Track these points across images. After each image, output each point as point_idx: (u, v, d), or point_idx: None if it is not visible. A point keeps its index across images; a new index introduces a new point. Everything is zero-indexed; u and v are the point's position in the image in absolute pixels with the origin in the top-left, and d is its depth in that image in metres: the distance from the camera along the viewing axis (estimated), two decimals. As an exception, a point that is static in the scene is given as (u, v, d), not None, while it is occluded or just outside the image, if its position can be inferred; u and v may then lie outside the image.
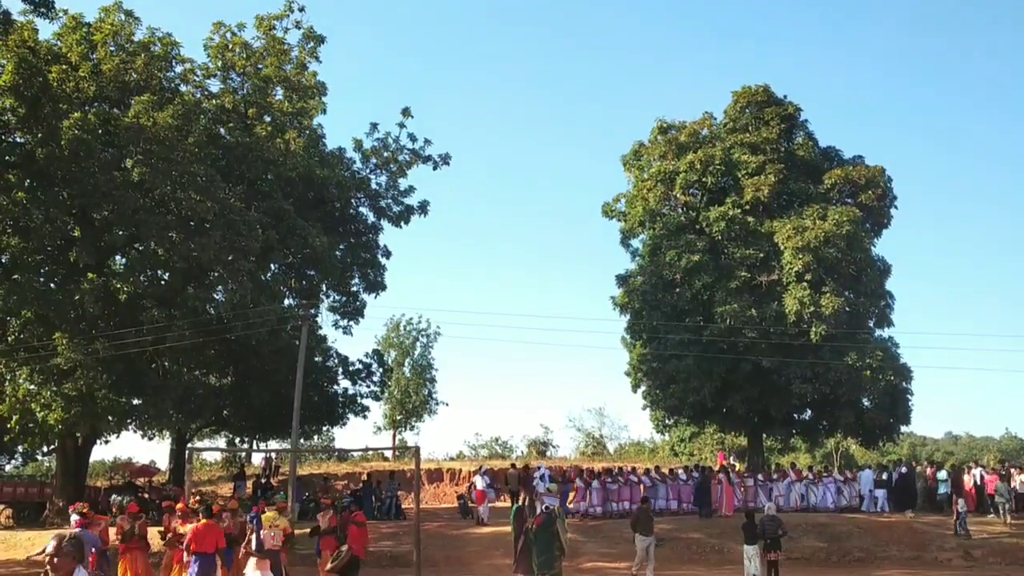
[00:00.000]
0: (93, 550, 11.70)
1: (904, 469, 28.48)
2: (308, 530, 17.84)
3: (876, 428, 30.68)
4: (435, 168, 30.00)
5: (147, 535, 15.15)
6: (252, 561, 12.24)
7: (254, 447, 36.10)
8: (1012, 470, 27.31)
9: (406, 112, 29.07)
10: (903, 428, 33.07)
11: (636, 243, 34.57)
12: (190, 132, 23.42)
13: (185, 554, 13.38)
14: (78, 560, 5.10)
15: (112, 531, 15.29)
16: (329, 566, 15.02)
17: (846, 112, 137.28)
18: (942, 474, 26.65)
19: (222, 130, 25.76)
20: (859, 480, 27.31)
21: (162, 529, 15.46)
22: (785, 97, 33.23)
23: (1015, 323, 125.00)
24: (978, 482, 25.72)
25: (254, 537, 12.48)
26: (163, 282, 25.25)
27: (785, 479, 26.99)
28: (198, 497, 23.32)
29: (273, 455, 33.67)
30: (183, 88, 25.65)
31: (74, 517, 13.76)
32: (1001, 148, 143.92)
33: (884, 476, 27.26)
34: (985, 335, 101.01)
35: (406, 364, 50.46)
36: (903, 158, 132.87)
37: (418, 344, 51.04)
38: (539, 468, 27.28)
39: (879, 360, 28.45)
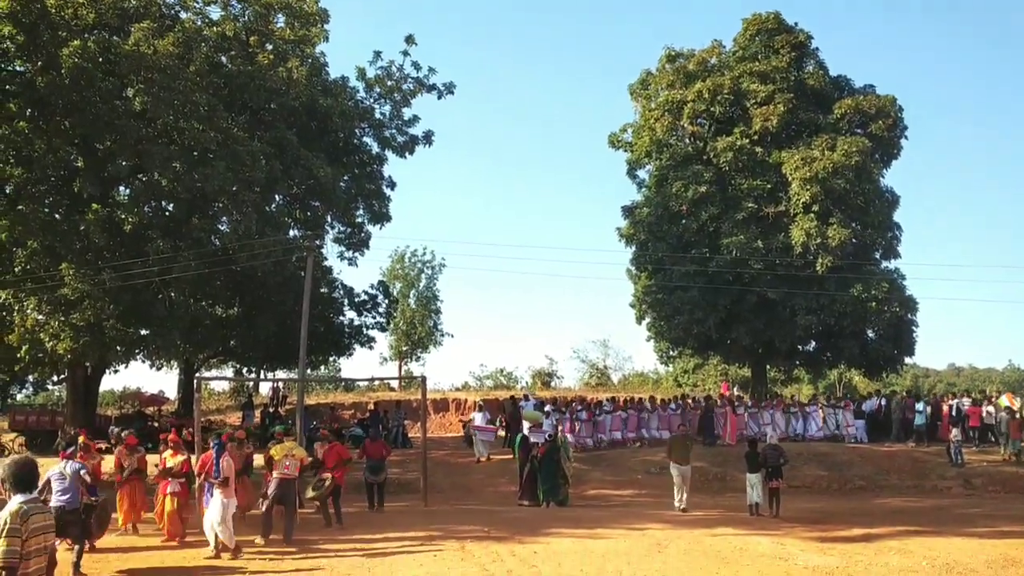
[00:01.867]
0: (88, 478, 11.97)
1: (882, 401, 28.75)
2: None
3: (880, 359, 30.91)
4: (440, 97, 29.63)
5: (145, 467, 15.40)
6: (216, 491, 12.39)
7: (261, 377, 36.46)
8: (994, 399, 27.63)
9: (410, 40, 28.60)
10: (907, 359, 33.33)
11: (643, 174, 34.45)
12: (191, 60, 23.12)
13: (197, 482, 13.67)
14: (13, 488, 5.14)
15: (111, 462, 15.58)
16: (311, 494, 15.29)
17: (858, 40, 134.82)
18: (919, 405, 26.90)
19: (224, 58, 25.40)
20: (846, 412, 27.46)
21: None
22: (796, 25, 32.68)
23: (1019, 255, 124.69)
24: (954, 413, 25.83)
25: (224, 465, 12.60)
26: (168, 213, 25.22)
27: (770, 408, 27.12)
28: (190, 429, 23.68)
29: (280, 384, 34.00)
30: (183, 15, 25.23)
31: (63, 447, 13.98)
32: (1012, 78, 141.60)
33: (862, 407, 27.73)
34: (990, 266, 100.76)
35: (411, 295, 50.77)
36: (914, 88, 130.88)
37: (423, 275, 51.31)
38: (525, 397, 27.61)
39: (884, 292, 28.54)
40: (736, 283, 29.49)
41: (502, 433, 25.41)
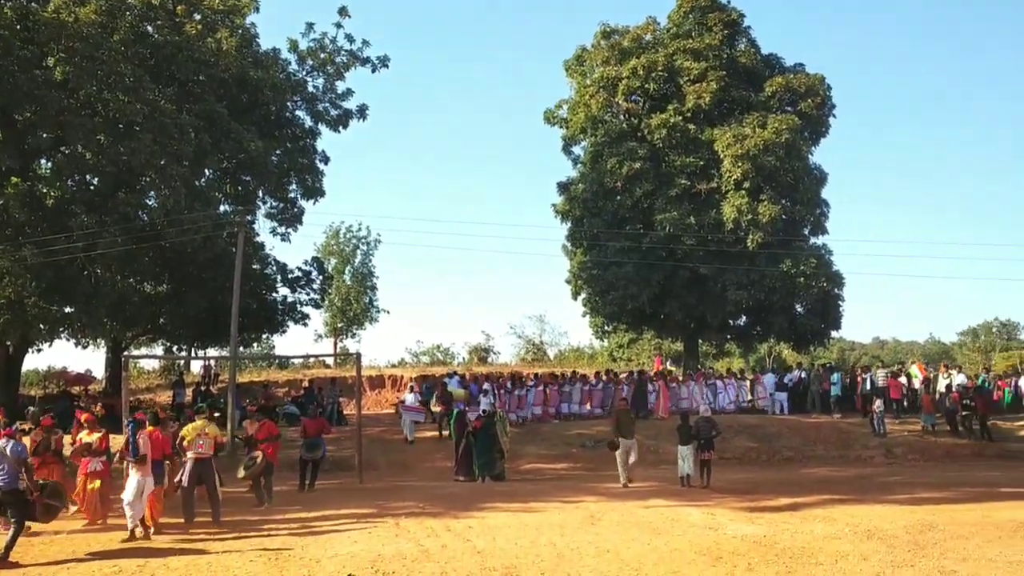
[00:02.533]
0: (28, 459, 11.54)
1: (803, 374, 29.49)
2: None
3: (808, 333, 31.56)
4: (374, 71, 29.30)
5: (62, 449, 14.97)
6: (132, 468, 12.15)
7: (192, 355, 35.80)
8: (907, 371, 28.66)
9: (343, 12, 28.15)
10: (833, 333, 34.16)
11: (578, 150, 34.49)
12: (115, 29, 22.38)
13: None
14: None
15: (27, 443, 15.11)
16: (242, 473, 15.08)
17: (788, 19, 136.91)
18: (834, 377, 27.70)
19: (150, 28, 24.65)
20: (762, 383, 28.10)
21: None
22: (728, 2, 32.92)
23: (940, 231, 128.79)
24: (868, 387, 26.60)
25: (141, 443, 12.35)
26: (92, 187, 24.45)
27: (689, 382, 27.54)
28: (100, 404, 23.18)
29: (212, 363, 33.43)
30: (106, -18, 24.42)
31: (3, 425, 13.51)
32: (940, 58, 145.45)
33: (784, 379, 28.38)
34: (913, 242, 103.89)
35: (347, 272, 50.32)
36: (843, 67, 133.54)
37: (359, 252, 50.88)
38: (451, 375, 27.52)
39: (813, 267, 29.13)
40: (669, 259, 29.81)
41: (437, 408, 25.19)
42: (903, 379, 27.26)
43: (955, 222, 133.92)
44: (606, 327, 35.55)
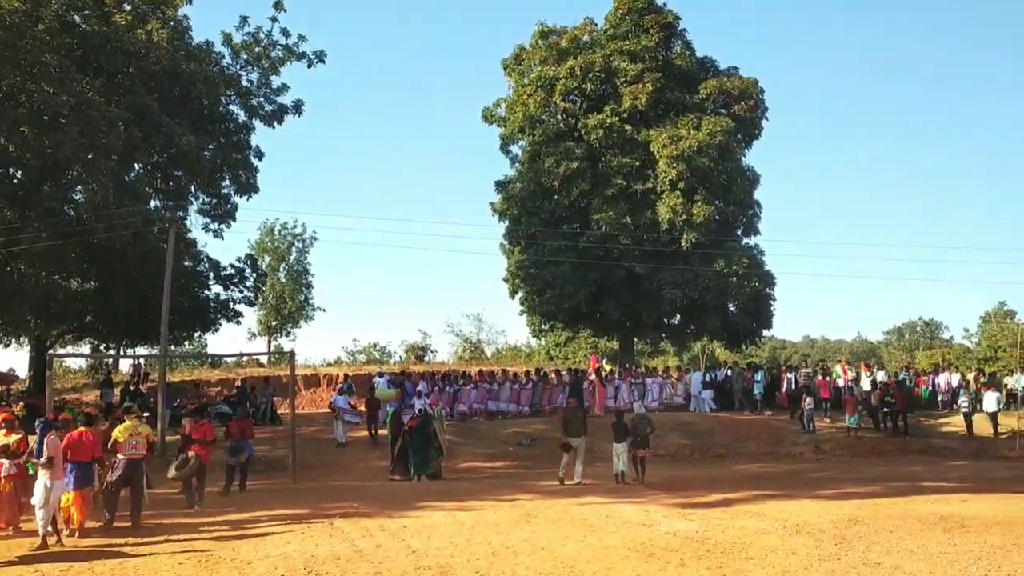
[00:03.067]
0: None
1: (728, 372, 30.00)
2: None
3: (740, 332, 32.21)
4: (310, 66, 28.86)
5: None
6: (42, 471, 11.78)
7: (121, 353, 34.95)
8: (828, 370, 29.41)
9: (278, 6, 27.69)
10: (765, 332, 34.84)
11: (516, 149, 34.59)
12: (40, 19, 21.69)
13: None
14: None
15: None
16: (173, 473, 14.76)
17: (722, 22, 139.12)
18: (758, 376, 28.22)
19: (77, 17, 23.95)
20: (689, 381, 28.36)
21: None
22: (665, 5, 33.35)
23: (868, 233, 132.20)
24: (792, 387, 27.07)
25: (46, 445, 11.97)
26: (16, 180, 23.71)
27: (615, 381, 27.75)
28: (21, 404, 22.47)
29: (141, 361, 32.67)
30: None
31: None
32: (872, 60, 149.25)
33: (709, 377, 28.80)
34: (841, 243, 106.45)
35: (281, 269, 49.62)
36: (775, 70, 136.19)
37: (293, 249, 50.20)
38: (380, 373, 27.24)
39: (745, 267, 29.70)
40: (606, 258, 30.08)
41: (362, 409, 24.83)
42: (824, 377, 27.84)
43: (883, 224, 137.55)
44: (543, 326, 35.69)
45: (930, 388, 28.71)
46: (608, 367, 33.46)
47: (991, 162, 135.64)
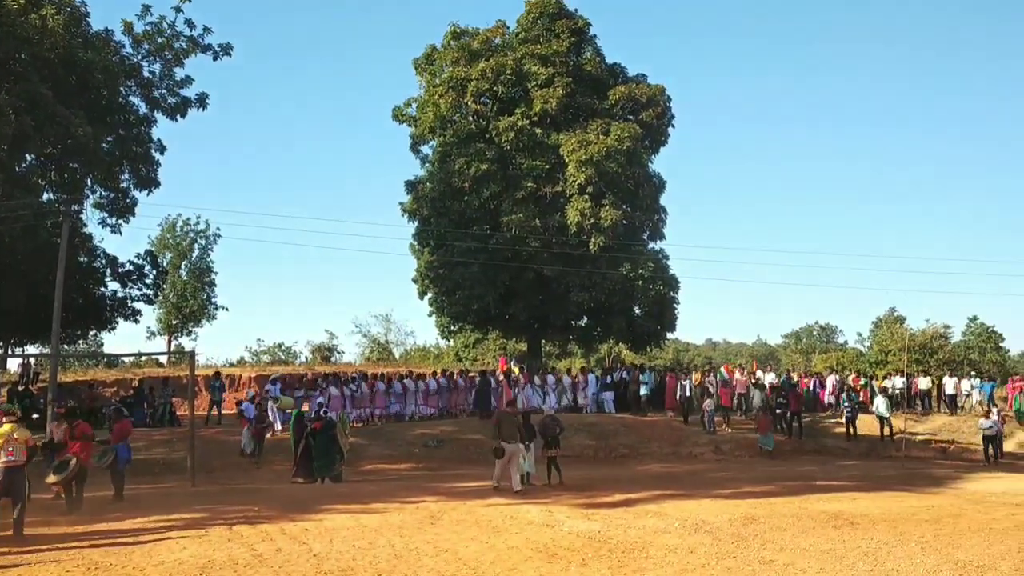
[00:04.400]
0: None
1: (624, 373, 30.55)
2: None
3: (645, 334, 32.74)
4: (215, 59, 28.03)
5: None
6: None
7: (9, 352, 33.38)
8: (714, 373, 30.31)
9: (182, -5, 26.90)
10: (669, 334, 35.56)
11: (426, 149, 34.44)
12: (-76, -1, 20.61)
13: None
14: None
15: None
16: (52, 478, 14.06)
17: (633, 29, 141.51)
18: (644, 376, 29.00)
19: (-37, 0, 22.82)
20: (582, 383, 28.46)
21: None
22: (576, 11, 33.66)
23: (769, 239, 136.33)
24: (687, 392, 27.57)
25: None
26: None
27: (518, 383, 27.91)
28: None
29: (31, 361, 31.26)
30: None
31: None
32: (779, 71, 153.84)
33: (608, 380, 29.14)
34: (744, 249, 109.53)
35: (183, 266, 48.19)
36: (683, 77, 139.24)
37: (196, 246, 48.81)
38: (273, 382, 25.85)
39: (650, 271, 30.25)
40: (515, 260, 30.23)
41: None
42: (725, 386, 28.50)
43: (784, 231, 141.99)
44: (452, 327, 35.59)
45: (812, 390, 29.83)
46: (517, 368, 33.62)
47: (891, 169, 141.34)
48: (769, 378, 29.09)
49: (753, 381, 28.91)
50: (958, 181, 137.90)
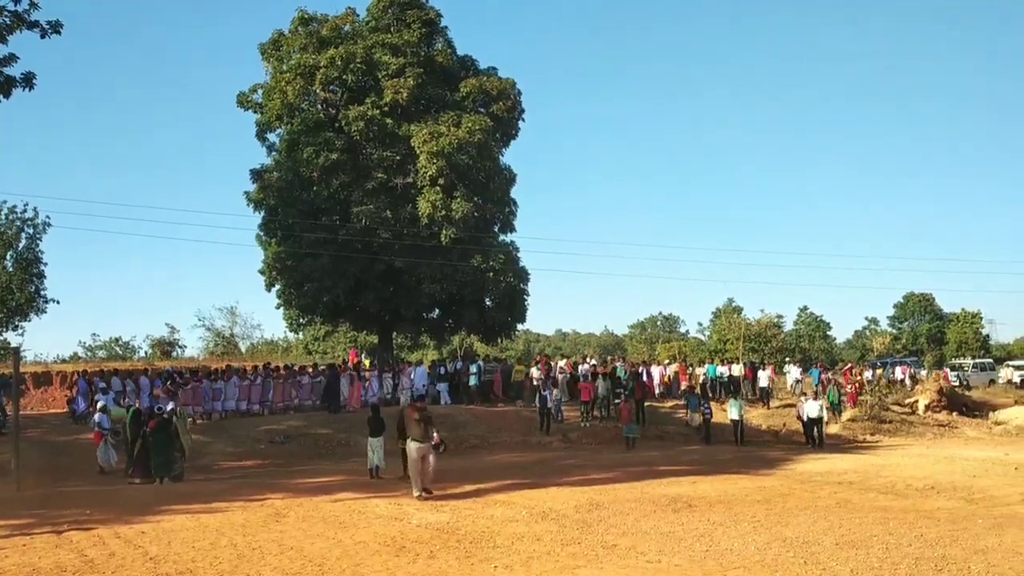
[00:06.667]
0: None
1: (458, 364, 30.89)
2: None
3: (496, 326, 33.10)
4: (43, 36, 26.06)
5: None
6: None
7: None
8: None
9: (6, -33, 25.11)
10: (519, 326, 36.03)
11: (273, 137, 33.50)
12: None
13: None
14: None
15: None
16: None
17: (483, 23, 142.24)
18: (472, 367, 29.50)
19: None
20: (413, 375, 28.46)
21: None
22: (427, 1, 33.51)
23: (617, 231, 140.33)
24: (536, 383, 28.32)
25: None
26: None
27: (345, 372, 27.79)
28: None
29: None
30: None
31: None
32: (619, 66, 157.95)
33: (442, 371, 29.40)
34: (591, 242, 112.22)
35: (8, 257, 45.02)
36: (533, 72, 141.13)
37: (23, 235, 45.69)
38: (105, 391, 23.77)
39: (501, 263, 30.58)
40: (365, 251, 29.92)
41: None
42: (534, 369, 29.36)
43: (630, 224, 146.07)
44: (301, 319, 34.88)
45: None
46: (367, 361, 33.36)
47: (733, 162, 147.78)
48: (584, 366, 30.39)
49: (594, 371, 29.65)
50: (802, 175, 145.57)
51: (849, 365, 38.83)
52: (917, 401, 31.87)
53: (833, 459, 20.58)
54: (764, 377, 32.20)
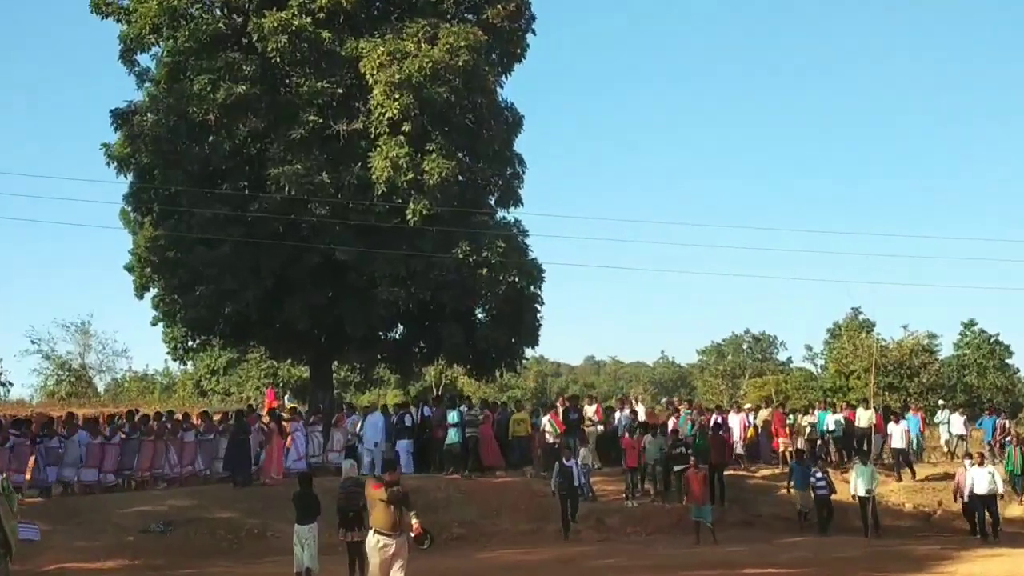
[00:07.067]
0: None
1: (429, 412, 30.46)
2: None
3: (492, 351, 32.59)
4: None
5: None
6: None
7: None
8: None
9: None
10: (528, 351, 35.49)
11: (147, 60, 33.31)
12: None
13: None
14: None
15: None
16: None
17: None
18: (452, 416, 28.50)
19: None
20: (344, 427, 28.83)
21: None
22: None
23: (648, 206, 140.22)
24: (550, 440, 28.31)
25: None
26: None
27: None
28: None
29: None
30: None
31: None
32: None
33: (405, 421, 29.29)
34: (639, 221, 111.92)
35: None
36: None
37: None
38: None
39: (500, 253, 30.15)
40: (290, 236, 29.68)
41: None
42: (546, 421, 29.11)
43: (704, 196, 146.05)
44: (190, 341, 34.73)
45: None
46: (291, 405, 33.19)
47: (862, 100, 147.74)
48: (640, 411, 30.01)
49: (633, 419, 29.46)
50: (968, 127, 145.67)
51: None
52: None
53: (1016, 556, 20.37)
54: (899, 432, 30.47)
